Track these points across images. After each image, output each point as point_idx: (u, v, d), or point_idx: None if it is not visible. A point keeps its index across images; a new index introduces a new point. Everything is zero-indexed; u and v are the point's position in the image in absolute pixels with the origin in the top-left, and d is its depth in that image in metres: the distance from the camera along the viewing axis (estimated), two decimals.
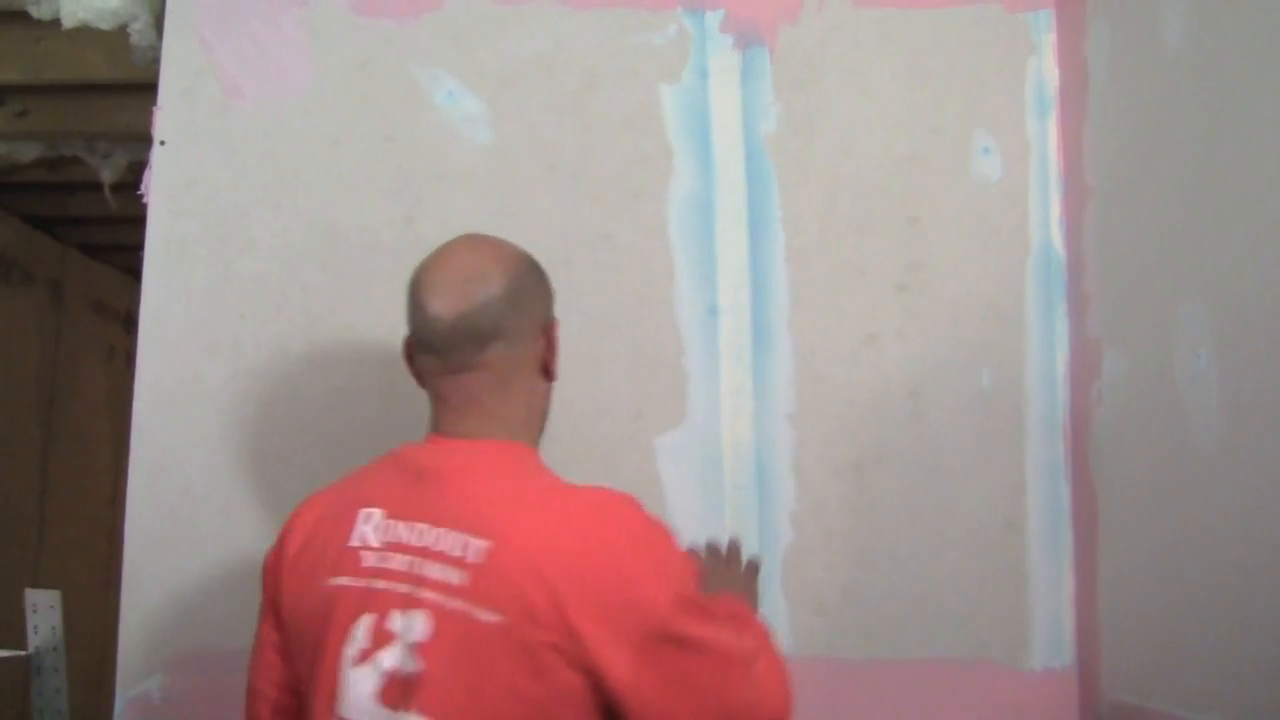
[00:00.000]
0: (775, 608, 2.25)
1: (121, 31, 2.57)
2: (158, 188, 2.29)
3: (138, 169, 2.37)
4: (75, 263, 5.03)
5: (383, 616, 1.48)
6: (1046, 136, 2.38)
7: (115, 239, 4.86)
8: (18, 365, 4.62)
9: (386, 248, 2.29)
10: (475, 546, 1.45)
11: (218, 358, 2.26)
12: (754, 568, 1.98)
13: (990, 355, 2.32)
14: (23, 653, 2.43)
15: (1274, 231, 1.59)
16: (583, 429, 2.27)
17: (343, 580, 1.53)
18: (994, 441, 2.26)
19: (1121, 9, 2.11)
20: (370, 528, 1.54)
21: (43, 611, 2.44)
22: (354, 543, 1.54)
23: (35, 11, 2.63)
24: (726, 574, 1.92)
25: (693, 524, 2.25)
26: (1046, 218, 2.36)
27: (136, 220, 2.32)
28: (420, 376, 1.69)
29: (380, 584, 1.50)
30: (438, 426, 1.66)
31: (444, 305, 1.60)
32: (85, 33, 2.59)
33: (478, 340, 1.61)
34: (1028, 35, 2.40)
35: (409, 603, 1.47)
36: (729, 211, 2.33)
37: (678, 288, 2.31)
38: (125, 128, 3.09)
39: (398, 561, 1.50)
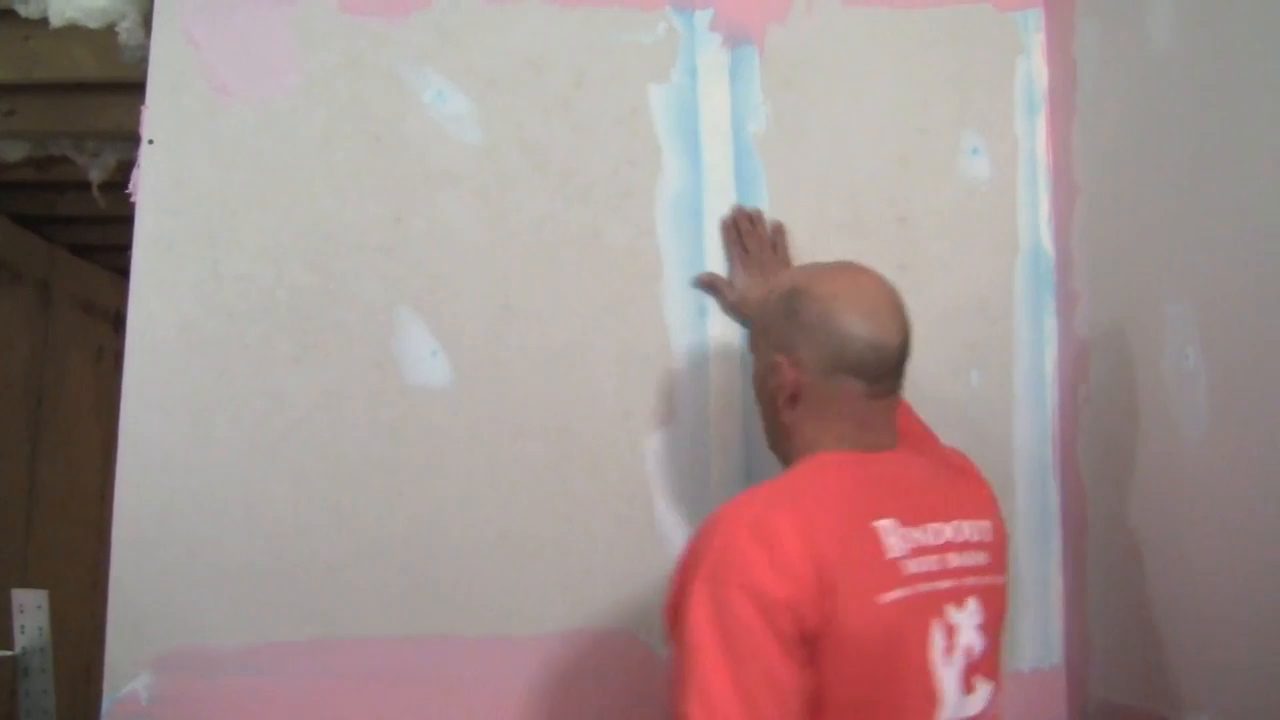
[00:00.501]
0: None
1: (109, 30, 2.57)
2: (146, 187, 2.28)
3: (126, 168, 2.37)
4: (64, 262, 5.01)
5: (943, 615, 1.61)
6: (1035, 136, 2.39)
7: (104, 238, 4.85)
8: (6, 365, 4.60)
9: (375, 247, 2.29)
10: (983, 527, 1.71)
11: (206, 357, 2.25)
12: (780, 230, 2.32)
13: (979, 355, 2.33)
14: (10, 653, 2.43)
15: (1261, 231, 1.59)
16: (571, 428, 2.28)
17: (897, 594, 1.57)
18: (983, 441, 2.25)
19: (1110, 9, 2.11)
20: (895, 539, 1.60)
21: (30, 612, 2.43)
22: (890, 555, 1.59)
23: (23, 10, 2.63)
24: (765, 259, 2.27)
25: (680, 524, 2.25)
26: (1035, 217, 2.37)
27: (125, 219, 2.31)
28: (816, 397, 1.72)
29: (926, 587, 1.60)
30: (861, 444, 1.71)
31: (891, 334, 1.70)
32: (73, 31, 2.58)
33: (903, 367, 1.74)
34: (1016, 35, 2.41)
35: (957, 594, 1.63)
36: (718, 211, 2.33)
37: (666, 288, 2.31)
38: (114, 127, 3.08)
39: (930, 563, 1.61)
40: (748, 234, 2.30)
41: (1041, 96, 2.39)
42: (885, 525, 1.60)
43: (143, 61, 2.37)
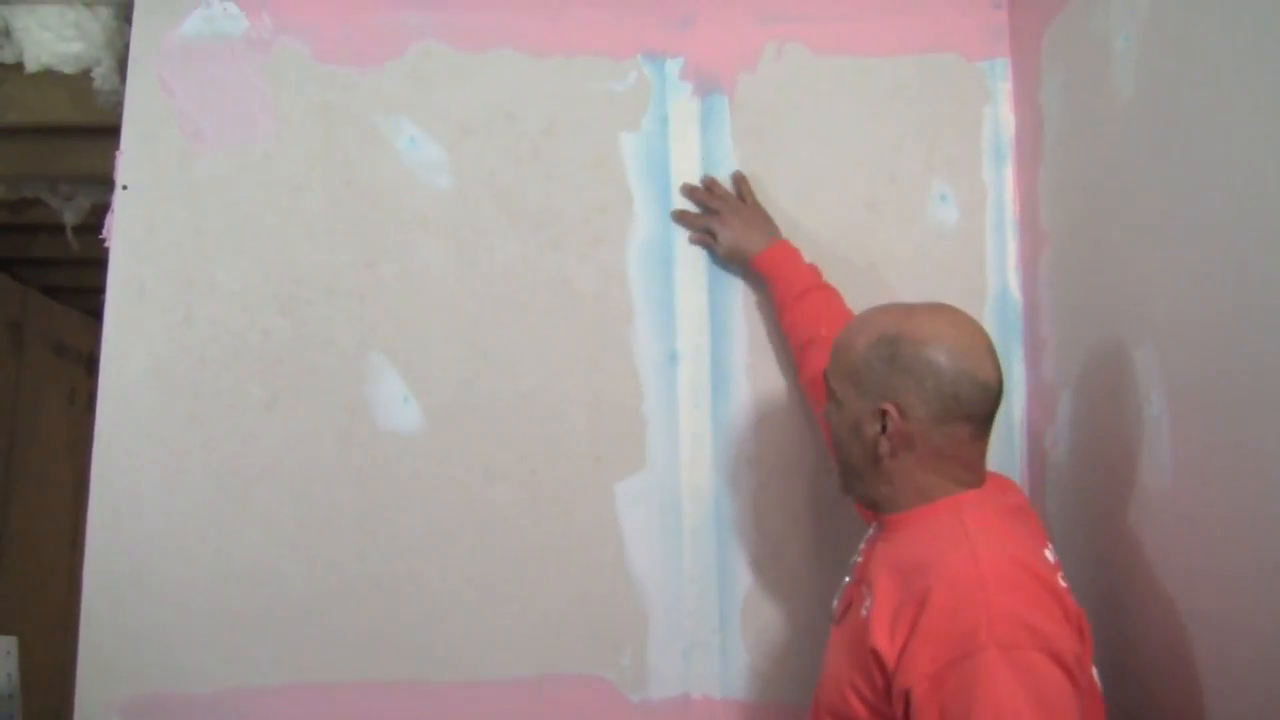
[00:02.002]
0: (734, 653, 2.26)
1: (85, 75, 2.58)
2: (120, 231, 2.29)
3: (100, 211, 2.37)
4: (37, 304, 5.00)
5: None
6: (1003, 183, 2.40)
7: (77, 281, 4.83)
8: None
9: (347, 293, 2.30)
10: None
11: (178, 401, 2.26)
12: (740, 179, 2.38)
13: None
14: None
15: (1224, 278, 1.61)
16: (542, 472, 2.28)
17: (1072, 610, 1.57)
18: None
19: (1075, 60, 2.13)
20: (1055, 563, 1.64)
21: None
22: (1063, 584, 1.60)
23: None
24: (744, 210, 2.31)
25: (651, 569, 2.26)
26: (1003, 264, 2.38)
27: (99, 262, 2.32)
28: (924, 443, 1.69)
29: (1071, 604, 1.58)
30: (971, 482, 1.72)
31: (995, 374, 1.72)
32: (49, 76, 2.59)
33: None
34: (984, 84, 2.43)
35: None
36: (688, 258, 2.34)
37: (637, 333, 2.32)
38: (88, 170, 3.08)
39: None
40: (709, 198, 2.34)
41: (1009, 145, 2.41)
42: (1049, 555, 1.63)
43: (118, 106, 2.38)
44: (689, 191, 2.35)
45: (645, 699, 2.25)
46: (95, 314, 3.65)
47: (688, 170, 2.37)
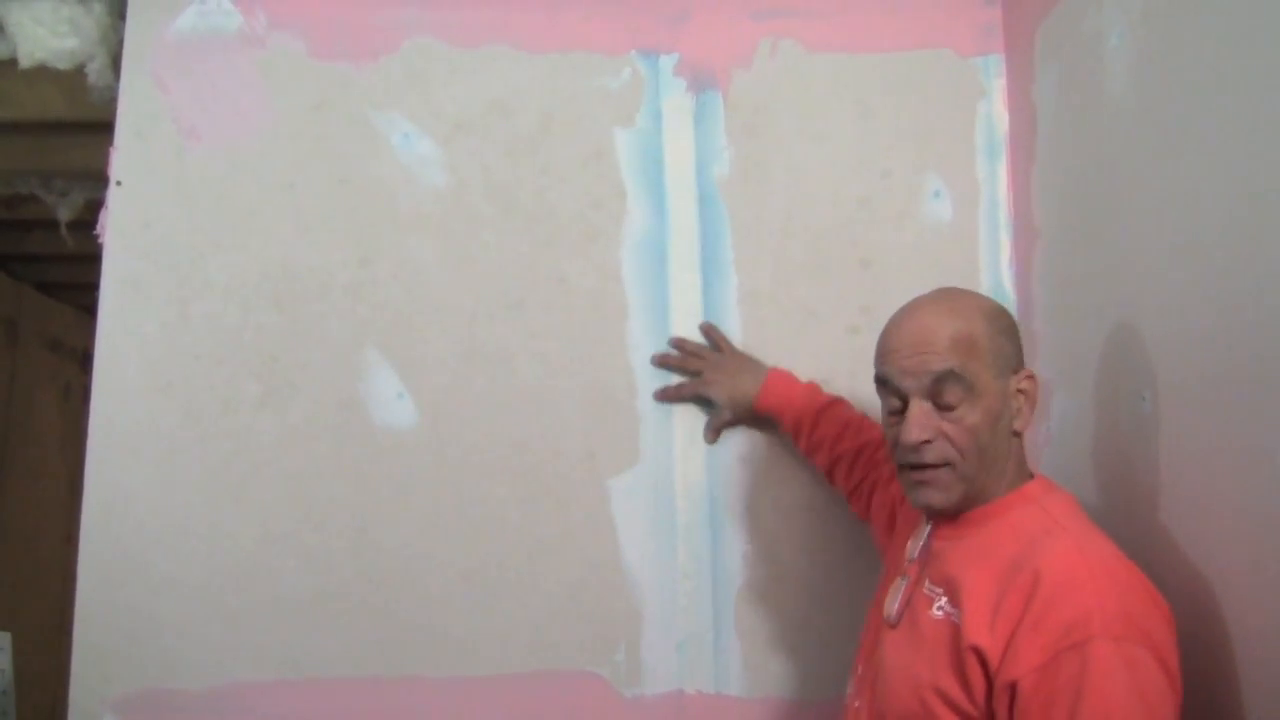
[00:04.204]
0: (727, 649, 2.26)
1: (79, 71, 2.57)
2: (114, 228, 2.29)
3: (95, 207, 2.37)
4: (31, 300, 4.99)
5: None
6: (996, 180, 2.41)
7: (72, 277, 4.82)
8: None
9: (341, 289, 2.30)
10: None
11: (172, 397, 2.26)
12: (709, 328, 2.35)
13: None
14: None
15: (1216, 274, 1.61)
16: (536, 469, 2.29)
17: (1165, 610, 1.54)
18: None
19: (1069, 57, 2.14)
20: None
21: None
22: None
23: None
24: (724, 361, 2.29)
25: (645, 565, 2.26)
26: (997, 260, 2.39)
27: (93, 258, 2.31)
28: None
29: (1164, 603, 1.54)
30: (1027, 468, 1.73)
31: None
32: (42, 72, 2.58)
33: None
34: (978, 80, 2.43)
35: None
36: (682, 254, 2.35)
37: (631, 330, 2.33)
38: (82, 166, 3.07)
39: None
40: (685, 359, 2.32)
41: (1002, 141, 2.42)
42: None
43: (112, 102, 2.38)
44: (660, 360, 2.33)
45: (639, 695, 2.25)
46: (90, 310, 3.64)
47: (682, 166, 2.37)
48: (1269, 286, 1.48)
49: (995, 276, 2.38)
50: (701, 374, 2.29)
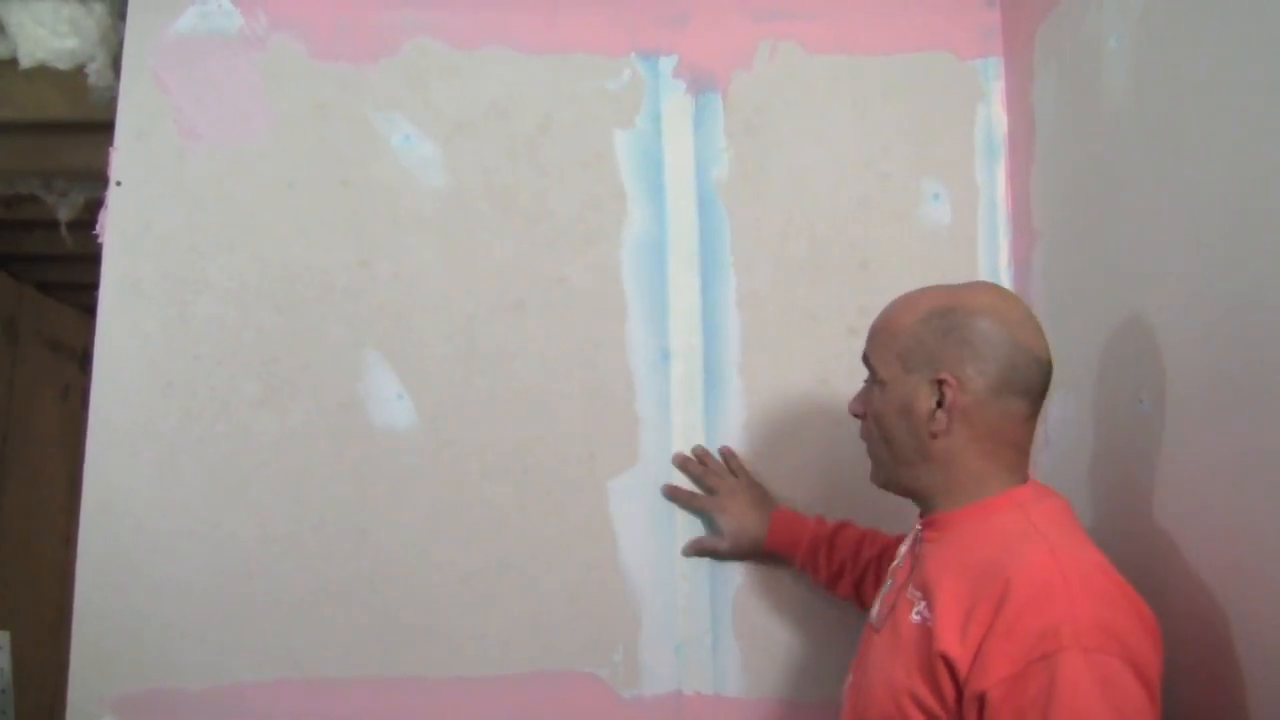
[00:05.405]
0: (726, 650, 2.26)
1: (79, 72, 2.57)
2: (114, 228, 2.29)
3: (94, 207, 2.37)
4: (31, 300, 4.99)
5: None
6: (995, 182, 2.41)
7: (72, 277, 4.82)
8: None
9: (341, 290, 2.30)
10: None
11: (172, 398, 2.26)
12: (729, 453, 2.33)
13: None
14: None
15: (1215, 276, 1.61)
16: (535, 471, 2.29)
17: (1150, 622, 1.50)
18: None
19: (1068, 59, 2.14)
20: None
21: None
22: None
23: None
24: (738, 490, 2.27)
25: (644, 565, 2.27)
26: (996, 262, 2.39)
27: (93, 258, 2.31)
28: (979, 420, 1.63)
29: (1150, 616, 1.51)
30: (1024, 474, 1.68)
31: (1047, 350, 1.67)
32: (43, 72, 2.58)
33: None
34: (977, 82, 2.44)
35: None
36: (681, 256, 2.35)
37: (630, 331, 2.33)
38: (82, 166, 3.08)
39: None
40: (703, 474, 2.30)
41: (1001, 143, 2.42)
42: None
43: (112, 102, 2.38)
44: (682, 463, 2.31)
45: (637, 696, 2.25)
46: (89, 310, 3.64)
47: (681, 168, 2.37)
48: (1268, 287, 1.49)
49: (994, 278, 2.37)
50: (717, 494, 2.27)
